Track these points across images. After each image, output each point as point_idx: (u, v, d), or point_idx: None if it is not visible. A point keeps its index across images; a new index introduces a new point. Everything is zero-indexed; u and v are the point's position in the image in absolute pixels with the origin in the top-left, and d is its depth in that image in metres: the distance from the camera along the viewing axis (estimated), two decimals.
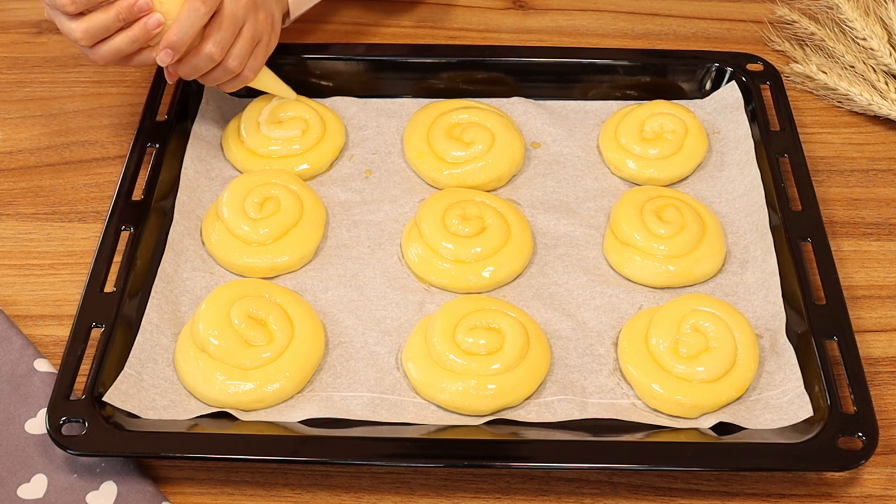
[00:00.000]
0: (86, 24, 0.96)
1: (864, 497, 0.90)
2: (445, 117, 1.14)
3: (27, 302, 1.02)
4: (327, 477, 0.91)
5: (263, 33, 1.05)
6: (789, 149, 1.11)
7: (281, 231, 1.04)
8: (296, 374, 0.94)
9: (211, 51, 1.00)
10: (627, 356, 0.95)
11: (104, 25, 0.96)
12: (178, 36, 0.97)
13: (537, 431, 0.91)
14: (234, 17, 1.01)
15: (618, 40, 1.30)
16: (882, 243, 1.08)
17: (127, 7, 0.95)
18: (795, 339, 0.96)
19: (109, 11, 0.95)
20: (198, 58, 1.00)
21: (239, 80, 1.06)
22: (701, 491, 0.90)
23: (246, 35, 1.03)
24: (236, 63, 1.03)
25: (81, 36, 0.96)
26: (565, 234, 1.07)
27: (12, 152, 1.16)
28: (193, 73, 1.02)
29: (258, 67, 1.07)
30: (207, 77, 1.04)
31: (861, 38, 1.19)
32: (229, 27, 1.01)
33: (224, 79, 1.05)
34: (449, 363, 0.93)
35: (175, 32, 0.97)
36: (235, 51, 1.02)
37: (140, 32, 0.96)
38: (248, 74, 1.06)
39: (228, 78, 1.05)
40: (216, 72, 1.03)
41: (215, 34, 1.00)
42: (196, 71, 1.02)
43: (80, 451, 0.87)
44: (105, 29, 0.96)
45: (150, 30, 0.96)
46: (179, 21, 0.97)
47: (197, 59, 1.01)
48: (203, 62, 1.01)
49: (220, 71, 1.03)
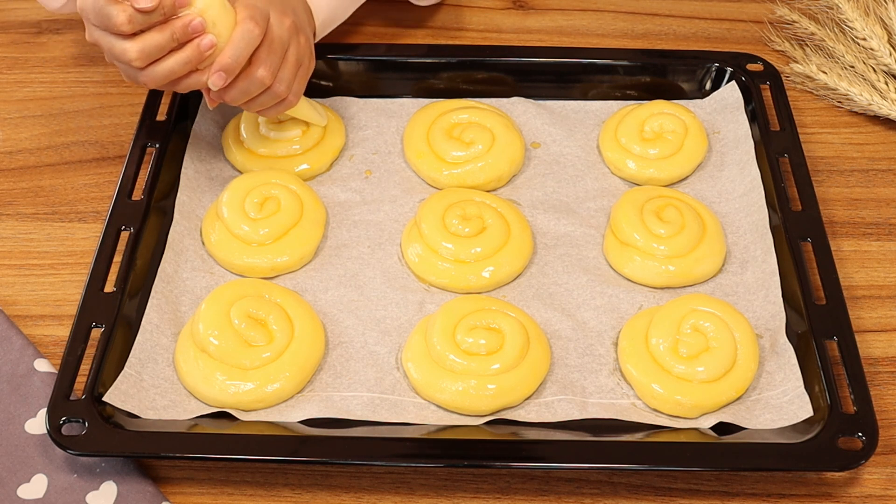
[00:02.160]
0: (141, 43, 0.92)
1: (864, 497, 0.90)
2: (445, 117, 1.14)
3: (27, 302, 1.02)
4: (327, 477, 0.91)
5: (304, 57, 1.03)
6: (789, 149, 1.11)
7: (281, 231, 1.04)
8: (296, 374, 0.94)
9: (262, 75, 0.97)
10: (627, 356, 0.95)
11: (159, 45, 0.92)
12: (233, 58, 0.94)
13: (537, 431, 0.91)
14: (281, 41, 0.99)
15: (618, 40, 1.30)
16: (882, 243, 1.08)
17: (182, 27, 0.92)
18: (795, 339, 0.96)
19: (165, 31, 0.92)
20: (248, 82, 0.98)
21: (284, 104, 1.03)
22: (701, 491, 0.90)
23: (291, 59, 1.00)
24: (283, 87, 1.00)
25: (136, 56, 0.92)
26: (565, 234, 1.07)
27: (12, 152, 1.16)
28: (242, 97, 0.99)
29: (300, 92, 1.04)
30: (253, 102, 1.01)
31: (861, 38, 1.19)
32: (278, 51, 0.98)
33: (270, 103, 1.02)
34: (449, 363, 0.93)
35: (229, 55, 0.94)
36: (283, 75, 1.00)
37: (193, 54, 0.94)
38: (292, 99, 1.03)
39: (274, 102, 1.02)
40: (264, 96, 1.01)
41: (266, 58, 0.97)
42: (245, 95, 0.99)
43: (80, 451, 0.87)
44: (160, 49, 0.93)
45: (203, 51, 0.94)
46: (233, 43, 0.94)
47: (248, 83, 0.98)
48: (254, 86, 0.98)
49: (268, 96, 1.01)
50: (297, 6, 1.05)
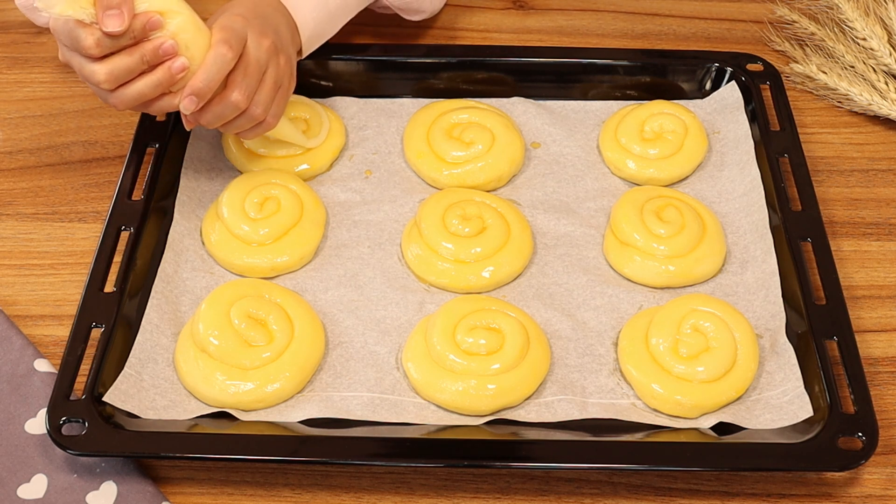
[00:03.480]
0: (109, 66, 0.91)
1: (864, 497, 0.90)
2: (445, 117, 1.14)
3: (27, 302, 1.02)
4: (327, 477, 0.91)
5: (284, 78, 1.02)
6: (789, 149, 1.11)
7: (281, 231, 1.04)
8: (296, 374, 0.94)
9: (237, 99, 0.96)
10: (627, 356, 0.95)
11: (128, 68, 0.91)
12: (204, 82, 0.93)
13: (537, 431, 0.91)
14: (258, 64, 0.97)
15: (618, 40, 1.30)
16: (882, 243, 1.08)
17: (152, 50, 0.91)
18: (795, 339, 0.96)
19: (134, 54, 0.91)
20: (222, 105, 0.96)
21: (262, 127, 1.02)
22: (701, 491, 0.90)
23: (269, 81, 0.99)
24: (260, 110, 0.99)
25: (105, 79, 0.91)
26: (565, 234, 1.07)
27: (12, 152, 1.16)
28: (217, 121, 0.98)
29: (280, 114, 1.03)
30: (230, 125, 1.00)
31: (861, 38, 1.19)
32: (254, 73, 0.97)
33: (247, 126, 1.01)
34: (449, 363, 0.93)
35: (200, 79, 0.93)
36: (259, 98, 0.98)
37: (164, 76, 0.92)
38: (270, 121, 1.02)
39: (251, 125, 1.01)
40: (240, 119, 0.99)
41: (241, 81, 0.96)
42: (220, 119, 0.98)
43: (80, 451, 0.87)
44: (129, 71, 0.92)
45: (174, 74, 0.92)
46: (205, 67, 0.93)
47: (221, 106, 0.96)
48: (228, 110, 0.97)
49: (244, 119, 0.99)
50: (280, 25, 1.03)
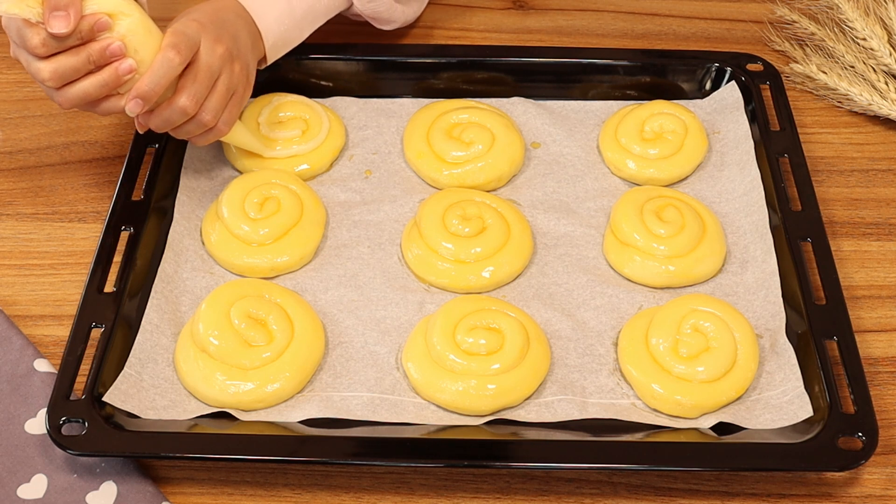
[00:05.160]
0: (55, 64, 0.92)
1: (864, 497, 0.90)
2: (445, 117, 1.14)
3: (27, 302, 1.02)
4: (327, 477, 0.91)
5: (238, 85, 1.02)
6: (789, 149, 1.11)
7: (281, 231, 1.04)
8: (296, 374, 0.94)
9: (185, 104, 0.96)
10: (627, 356, 0.95)
11: (73, 67, 0.92)
12: (150, 86, 0.93)
13: (537, 431, 0.91)
14: (209, 70, 0.97)
15: (618, 40, 1.30)
16: (882, 243, 1.08)
17: (99, 50, 0.92)
18: (795, 339, 0.96)
19: (80, 54, 0.91)
20: (170, 110, 0.96)
21: (212, 133, 1.02)
22: (701, 491, 0.90)
23: (221, 88, 0.99)
24: (210, 116, 0.99)
25: (49, 76, 0.92)
26: (565, 234, 1.07)
27: (12, 152, 1.16)
28: (165, 125, 0.98)
29: (232, 121, 1.03)
30: (179, 130, 1.00)
31: (861, 38, 1.19)
32: (204, 80, 0.97)
33: (197, 132, 1.01)
34: (449, 363, 0.93)
35: (146, 82, 0.93)
36: (209, 104, 0.99)
37: (110, 77, 0.93)
38: (221, 128, 1.02)
39: (201, 131, 1.01)
40: (189, 125, 0.99)
41: (189, 87, 0.96)
42: (168, 124, 0.98)
43: (80, 451, 0.87)
44: (74, 71, 0.92)
45: (120, 75, 0.93)
46: (151, 70, 0.93)
47: (169, 111, 0.97)
48: (176, 115, 0.97)
49: (194, 124, 0.99)
50: (240, 32, 1.03)
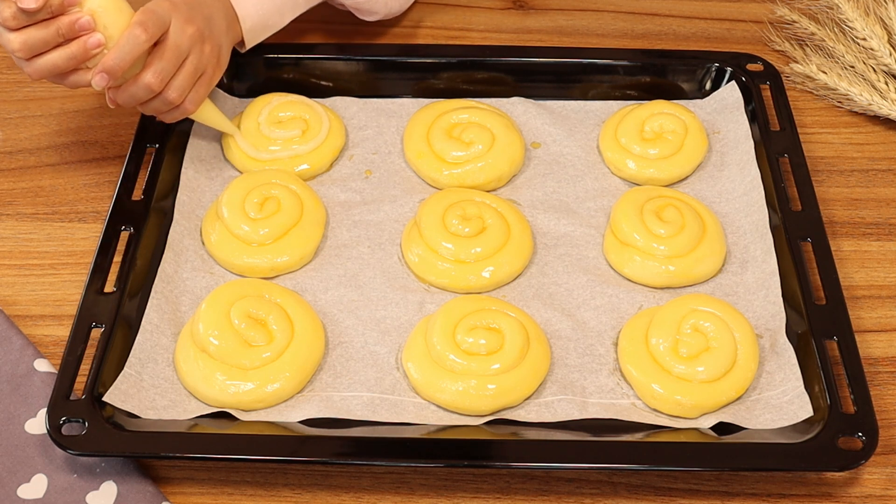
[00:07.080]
0: (24, 35, 0.94)
1: (864, 497, 0.90)
2: (445, 117, 1.14)
3: (27, 302, 1.02)
4: (327, 477, 0.91)
5: (208, 66, 1.04)
6: (789, 149, 1.11)
7: (281, 231, 1.04)
8: (296, 374, 0.94)
9: (150, 81, 0.98)
10: (627, 356, 0.95)
11: (43, 39, 0.94)
12: (115, 61, 0.95)
13: (537, 431, 0.91)
14: (177, 48, 0.99)
15: (618, 40, 1.30)
16: (882, 243, 1.08)
17: (68, 24, 0.94)
18: (795, 339, 0.96)
19: (50, 27, 0.94)
20: (136, 86, 0.99)
21: (178, 111, 1.04)
22: (701, 491, 0.90)
23: (188, 67, 1.01)
24: (175, 94, 1.01)
25: (19, 47, 0.94)
26: (565, 234, 1.07)
27: (12, 152, 1.16)
28: (131, 101, 1.00)
29: (199, 100, 1.05)
30: (146, 106, 1.02)
31: (861, 38, 1.19)
32: (171, 58, 0.99)
33: (163, 109, 1.03)
34: (449, 363, 0.93)
35: (112, 57, 0.95)
36: (176, 82, 1.01)
37: (78, 50, 0.95)
38: (188, 107, 1.04)
39: (167, 109, 1.03)
40: (155, 102, 1.02)
41: (156, 64, 0.98)
42: (134, 100, 1.00)
43: (80, 451, 0.87)
44: (44, 43, 0.94)
45: (88, 49, 0.95)
46: (118, 46, 0.95)
47: (135, 87, 0.99)
48: (141, 91, 0.99)
49: (159, 101, 1.01)
50: (215, 14, 1.05)
